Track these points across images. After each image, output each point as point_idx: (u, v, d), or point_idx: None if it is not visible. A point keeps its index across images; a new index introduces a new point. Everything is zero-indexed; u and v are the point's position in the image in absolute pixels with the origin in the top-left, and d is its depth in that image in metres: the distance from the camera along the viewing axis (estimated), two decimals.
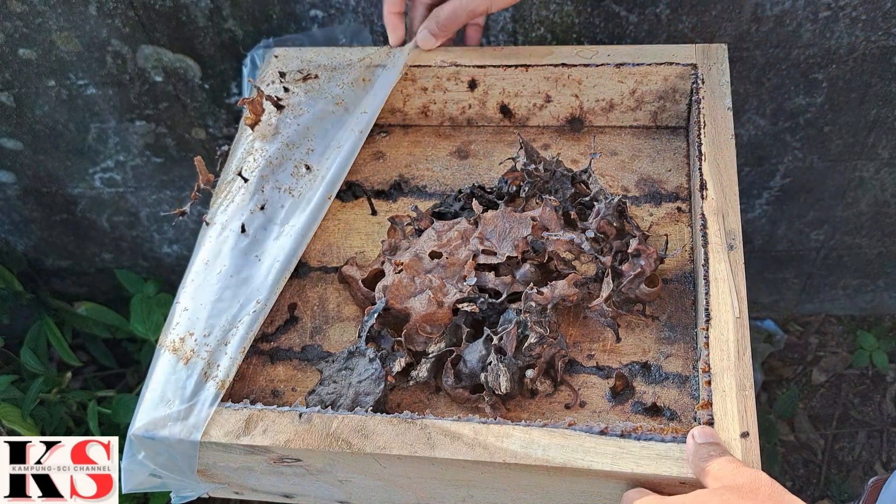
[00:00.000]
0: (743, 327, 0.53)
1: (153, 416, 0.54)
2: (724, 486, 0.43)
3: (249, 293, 0.60)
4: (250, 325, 0.58)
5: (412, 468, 0.52)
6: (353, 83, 0.71)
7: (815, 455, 1.20)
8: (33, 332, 1.09)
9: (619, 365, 0.58)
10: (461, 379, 0.57)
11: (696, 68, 0.69)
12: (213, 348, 0.57)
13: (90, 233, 1.20)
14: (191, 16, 0.85)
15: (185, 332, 0.58)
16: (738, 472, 0.44)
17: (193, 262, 0.63)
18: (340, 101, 0.70)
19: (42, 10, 0.86)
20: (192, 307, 0.60)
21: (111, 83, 0.94)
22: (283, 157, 0.67)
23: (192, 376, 0.55)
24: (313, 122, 0.69)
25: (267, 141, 0.69)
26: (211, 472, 0.58)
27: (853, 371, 1.27)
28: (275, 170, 0.67)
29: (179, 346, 0.57)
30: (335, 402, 0.56)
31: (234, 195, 0.66)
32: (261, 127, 0.69)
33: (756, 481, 0.43)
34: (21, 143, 1.04)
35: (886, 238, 1.12)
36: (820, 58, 0.86)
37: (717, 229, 0.58)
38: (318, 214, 0.65)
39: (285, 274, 0.62)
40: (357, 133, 0.69)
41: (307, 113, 0.70)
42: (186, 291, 0.61)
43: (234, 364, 0.56)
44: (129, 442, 0.54)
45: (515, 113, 0.75)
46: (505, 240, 0.62)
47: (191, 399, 0.54)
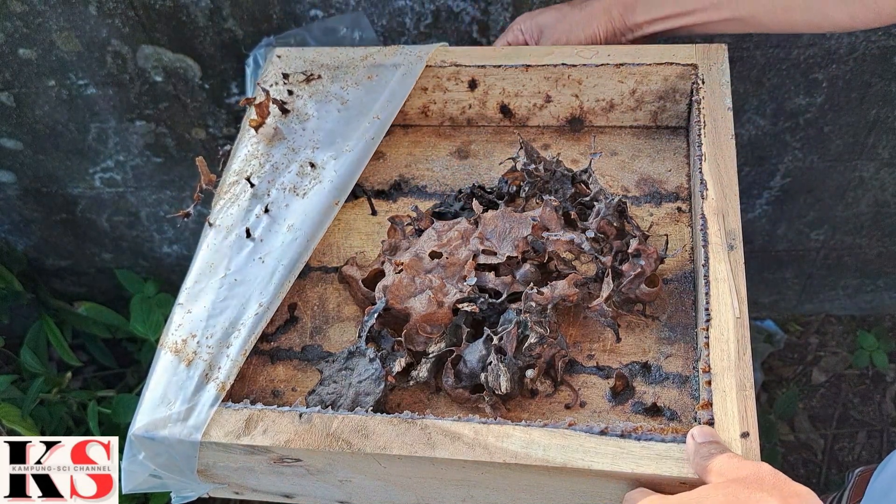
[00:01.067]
0: (743, 327, 0.53)
1: (153, 416, 0.54)
2: (728, 479, 0.43)
3: (252, 295, 0.60)
4: (252, 327, 0.58)
5: (412, 468, 0.52)
6: (357, 83, 0.71)
7: (814, 455, 1.20)
8: (33, 332, 1.09)
9: (619, 365, 0.58)
10: (461, 379, 0.57)
11: (696, 68, 0.69)
12: (215, 350, 0.57)
13: (90, 233, 1.20)
14: (191, 16, 0.85)
15: (187, 334, 0.58)
16: (740, 466, 0.44)
17: (195, 263, 0.63)
18: (345, 101, 0.70)
19: (42, 10, 0.86)
20: (195, 309, 0.59)
21: (111, 83, 0.94)
22: (289, 161, 0.67)
23: (193, 378, 0.55)
24: (318, 124, 0.69)
25: (272, 146, 0.69)
26: (211, 473, 0.58)
27: (853, 371, 1.27)
28: (281, 173, 0.67)
29: (181, 347, 0.57)
30: (335, 402, 0.56)
31: (238, 197, 0.66)
32: (264, 129, 0.69)
33: (758, 472, 0.43)
34: (21, 143, 1.04)
35: (886, 238, 1.12)
36: (820, 58, 0.86)
37: (717, 229, 0.58)
38: (325, 219, 0.64)
39: (290, 277, 0.61)
40: (368, 139, 0.68)
41: (313, 117, 0.69)
42: (188, 293, 0.61)
43: (236, 366, 0.56)
44: (130, 442, 0.54)
45: (515, 113, 0.75)
46: (505, 240, 0.62)
47: (191, 400, 0.54)
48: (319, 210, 0.64)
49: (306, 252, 0.63)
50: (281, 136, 0.69)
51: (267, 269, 0.61)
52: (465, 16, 0.83)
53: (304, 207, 0.64)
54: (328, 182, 0.66)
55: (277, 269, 0.61)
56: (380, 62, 0.73)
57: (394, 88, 0.71)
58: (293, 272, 0.62)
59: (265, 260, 0.62)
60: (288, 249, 0.62)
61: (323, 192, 0.65)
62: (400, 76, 0.71)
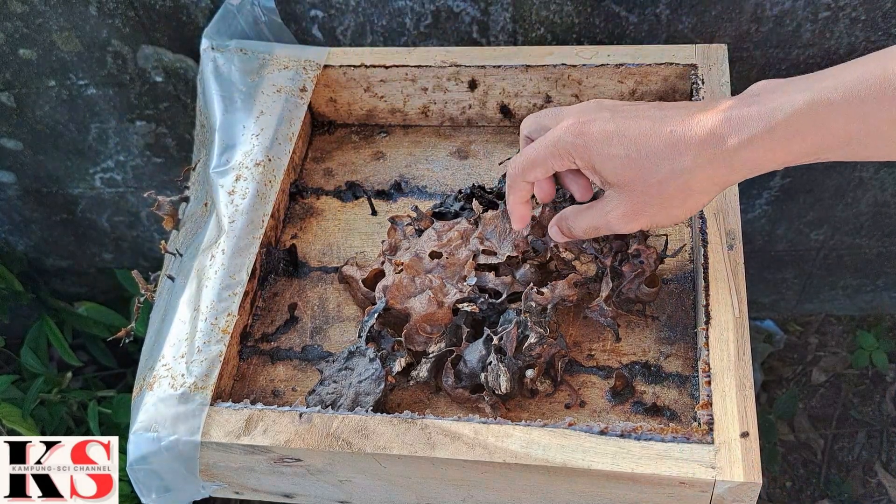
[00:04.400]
0: (743, 327, 0.53)
1: (152, 418, 0.54)
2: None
3: (202, 283, 0.60)
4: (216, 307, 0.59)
5: (412, 468, 0.52)
6: None
7: (814, 455, 1.20)
8: (33, 332, 1.09)
9: (619, 365, 0.58)
10: (461, 379, 0.57)
11: (696, 68, 0.69)
12: (190, 359, 0.57)
13: (90, 233, 1.20)
14: (191, 16, 0.85)
15: (158, 366, 0.57)
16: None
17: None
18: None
19: (42, 11, 0.86)
20: (156, 346, 0.60)
21: (111, 83, 0.94)
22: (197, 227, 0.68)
23: (181, 392, 0.55)
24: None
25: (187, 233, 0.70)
26: (211, 472, 0.58)
27: (853, 371, 1.27)
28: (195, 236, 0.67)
29: (160, 376, 0.57)
30: (335, 402, 0.56)
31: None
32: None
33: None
34: (21, 143, 1.04)
35: (886, 238, 1.12)
36: (820, 58, 0.86)
37: (717, 229, 0.58)
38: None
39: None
40: None
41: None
42: (147, 346, 0.62)
43: (219, 357, 0.57)
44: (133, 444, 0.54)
45: (515, 113, 0.75)
46: (505, 240, 0.62)
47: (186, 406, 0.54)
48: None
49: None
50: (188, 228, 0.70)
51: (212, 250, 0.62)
52: (465, 16, 0.83)
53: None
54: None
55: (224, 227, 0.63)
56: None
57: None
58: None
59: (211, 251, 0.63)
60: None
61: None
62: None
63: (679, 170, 0.47)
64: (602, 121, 0.49)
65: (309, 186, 0.74)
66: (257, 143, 0.69)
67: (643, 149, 0.47)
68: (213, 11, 0.84)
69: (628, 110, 0.50)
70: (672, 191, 0.48)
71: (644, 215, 0.50)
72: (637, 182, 0.48)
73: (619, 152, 0.48)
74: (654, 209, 0.50)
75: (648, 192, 0.49)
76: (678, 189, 0.48)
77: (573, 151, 0.50)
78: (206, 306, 0.59)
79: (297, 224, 0.71)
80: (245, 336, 0.63)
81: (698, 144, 0.46)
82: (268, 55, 0.77)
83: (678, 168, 0.47)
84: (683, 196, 0.48)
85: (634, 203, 0.50)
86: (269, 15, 0.80)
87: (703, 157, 0.46)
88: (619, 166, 0.49)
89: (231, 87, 0.73)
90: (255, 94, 0.73)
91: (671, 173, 0.47)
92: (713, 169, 0.46)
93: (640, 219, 0.51)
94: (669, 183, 0.48)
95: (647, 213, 0.50)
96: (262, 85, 0.74)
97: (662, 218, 0.50)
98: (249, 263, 0.62)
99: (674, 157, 0.47)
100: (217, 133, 0.70)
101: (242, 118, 0.71)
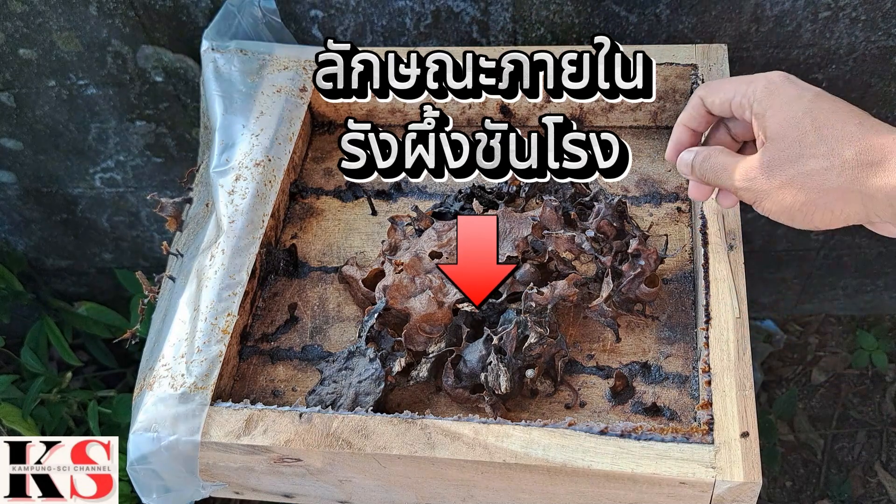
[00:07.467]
0: (743, 327, 0.53)
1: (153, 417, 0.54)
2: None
3: (202, 286, 0.60)
4: (217, 307, 0.59)
5: (412, 468, 0.52)
6: None
7: (814, 455, 1.20)
8: (33, 332, 1.09)
9: (619, 365, 0.58)
10: (461, 379, 0.57)
11: (696, 68, 0.69)
12: (189, 359, 0.57)
13: (90, 233, 1.20)
14: (191, 16, 0.85)
15: (158, 366, 0.57)
16: None
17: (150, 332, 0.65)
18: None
19: (42, 10, 0.86)
20: (156, 346, 0.60)
21: (111, 83, 0.94)
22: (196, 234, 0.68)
23: (182, 392, 0.55)
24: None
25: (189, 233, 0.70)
26: (211, 472, 0.58)
27: (853, 371, 1.27)
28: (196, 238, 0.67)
29: (160, 376, 0.57)
30: (335, 402, 0.56)
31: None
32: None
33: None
34: (21, 143, 1.04)
35: (886, 238, 1.12)
36: (820, 58, 0.86)
37: (717, 229, 0.58)
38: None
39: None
40: None
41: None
42: (149, 347, 0.62)
43: (219, 357, 0.57)
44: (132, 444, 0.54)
45: (515, 113, 0.75)
46: (505, 240, 0.62)
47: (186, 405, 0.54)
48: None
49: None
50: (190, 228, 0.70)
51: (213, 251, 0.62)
52: (465, 16, 0.83)
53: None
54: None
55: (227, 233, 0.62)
56: None
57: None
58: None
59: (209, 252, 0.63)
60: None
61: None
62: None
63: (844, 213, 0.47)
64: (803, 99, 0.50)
65: (309, 186, 0.74)
66: (257, 143, 0.69)
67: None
68: (213, 11, 0.84)
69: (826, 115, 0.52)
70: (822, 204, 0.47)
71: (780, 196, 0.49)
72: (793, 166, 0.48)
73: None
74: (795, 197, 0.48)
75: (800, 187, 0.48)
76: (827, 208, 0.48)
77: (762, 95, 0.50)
78: (205, 306, 0.59)
79: (297, 224, 0.71)
80: (245, 336, 0.63)
81: (870, 198, 0.46)
82: (268, 55, 0.76)
83: (844, 212, 0.47)
84: (828, 221, 0.48)
85: (781, 178, 0.48)
86: (269, 15, 0.80)
87: (870, 208, 0.47)
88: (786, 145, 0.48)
89: (231, 88, 0.73)
90: (255, 95, 0.73)
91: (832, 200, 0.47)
92: (867, 215, 0.47)
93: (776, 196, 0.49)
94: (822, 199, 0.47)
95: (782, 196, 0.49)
96: (262, 85, 0.74)
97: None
98: (249, 263, 0.62)
99: (846, 201, 0.47)
100: (217, 133, 0.70)
101: (242, 118, 0.71)
